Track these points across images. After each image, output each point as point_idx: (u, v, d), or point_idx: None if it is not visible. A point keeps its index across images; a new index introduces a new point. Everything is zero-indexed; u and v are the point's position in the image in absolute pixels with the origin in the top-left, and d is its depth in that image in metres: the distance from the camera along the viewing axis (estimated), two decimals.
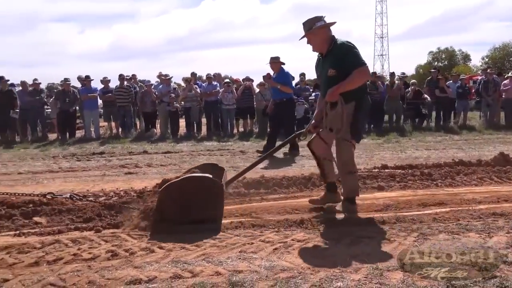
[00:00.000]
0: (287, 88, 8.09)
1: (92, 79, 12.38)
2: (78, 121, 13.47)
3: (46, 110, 13.28)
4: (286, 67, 8.25)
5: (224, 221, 3.59)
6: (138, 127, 13.21)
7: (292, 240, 3.11)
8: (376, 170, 5.96)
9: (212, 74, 12.79)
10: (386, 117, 12.83)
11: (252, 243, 3.02)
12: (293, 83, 10.81)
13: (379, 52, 77.20)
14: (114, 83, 12.60)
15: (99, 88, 12.45)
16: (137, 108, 12.75)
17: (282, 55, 8.18)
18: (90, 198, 4.45)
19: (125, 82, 12.23)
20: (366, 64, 3.62)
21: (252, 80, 13.10)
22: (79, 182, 6.09)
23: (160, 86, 12.45)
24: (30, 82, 12.46)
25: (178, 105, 12.22)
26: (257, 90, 12.70)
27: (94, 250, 2.98)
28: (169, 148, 9.85)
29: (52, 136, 12.79)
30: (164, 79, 12.47)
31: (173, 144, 10.48)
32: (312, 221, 3.56)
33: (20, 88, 12.21)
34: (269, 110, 8.97)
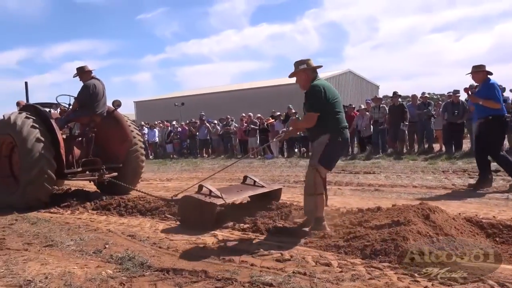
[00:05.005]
0: (492, 103, 6.33)
1: None
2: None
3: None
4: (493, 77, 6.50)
5: None
6: None
7: None
8: None
9: None
10: None
11: None
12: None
13: None
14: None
15: None
16: None
17: None
18: None
19: None
20: (312, 112, 4.19)
21: None
22: (479, 204, 5.56)
23: None
24: (418, 95, 12.94)
25: None
26: None
27: None
28: None
29: (436, 147, 12.79)
30: None
31: None
32: None
33: (411, 102, 12.86)
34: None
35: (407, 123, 12.28)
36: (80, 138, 7.62)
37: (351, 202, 5.70)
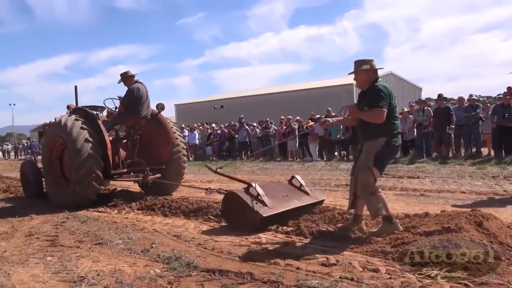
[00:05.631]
0: None
1: None
2: None
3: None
4: None
5: None
6: None
7: None
8: None
9: None
10: None
11: None
12: None
13: None
14: None
15: None
16: None
17: None
18: None
19: None
20: (382, 108, 4.07)
21: None
22: None
23: None
24: (466, 97, 12.49)
25: None
26: None
27: None
28: None
29: (484, 151, 12.27)
30: None
31: None
32: None
33: (457, 104, 12.41)
34: None
35: (453, 126, 11.84)
36: (125, 140, 7.89)
37: (396, 208, 5.54)
